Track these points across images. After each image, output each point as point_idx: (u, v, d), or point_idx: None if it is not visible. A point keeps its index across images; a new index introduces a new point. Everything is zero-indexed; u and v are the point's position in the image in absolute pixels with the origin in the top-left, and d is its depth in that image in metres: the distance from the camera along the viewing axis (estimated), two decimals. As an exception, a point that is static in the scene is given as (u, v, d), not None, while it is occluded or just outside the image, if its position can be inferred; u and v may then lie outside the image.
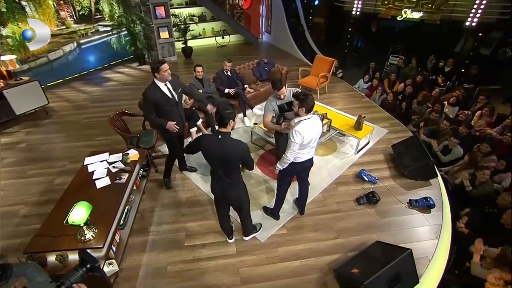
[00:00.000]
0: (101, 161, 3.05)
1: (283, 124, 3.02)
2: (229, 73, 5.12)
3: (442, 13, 6.59)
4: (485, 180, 3.69)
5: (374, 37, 9.08)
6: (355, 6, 7.55)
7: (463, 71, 6.93)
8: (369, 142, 4.63)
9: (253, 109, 5.37)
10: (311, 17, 8.86)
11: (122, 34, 7.70)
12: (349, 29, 8.38)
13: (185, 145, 3.93)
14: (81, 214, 2.23)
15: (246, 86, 5.40)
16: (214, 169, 2.40)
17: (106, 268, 2.36)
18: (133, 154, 3.15)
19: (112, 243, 2.49)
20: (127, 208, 3.05)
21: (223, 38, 9.66)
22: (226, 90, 5.02)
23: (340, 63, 7.40)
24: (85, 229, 2.27)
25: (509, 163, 3.97)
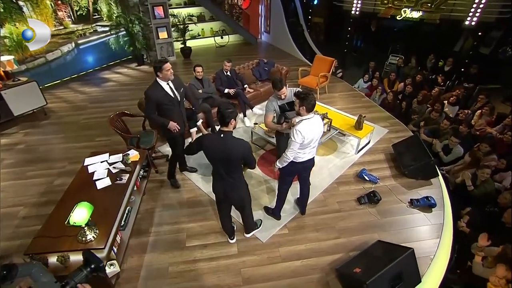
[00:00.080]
0: (102, 162, 3.03)
1: (284, 124, 3.02)
2: (228, 73, 5.11)
3: (441, 12, 6.60)
4: (485, 179, 3.70)
5: (373, 37, 9.09)
6: (354, 5, 7.55)
7: (463, 70, 6.94)
8: (369, 141, 4.63)
9: (253, 109, 5.37)
10: (310, 17, 8.86)
11: (120, 34, 7.66)
12: (349, 29, 8.37)
13: (185, 145, 3.92)
14: (82, 214, 2.21)
15: (246, 86, 5.39)
16: (216, 169, 2.39)
17: (107, 269, 2.35)
18: (134, 154, 3.14)
19: (113, 244, 2.47)
20: (128, 209, 3.04)
21: (222, 38, 9.65)
22: (226, 90, 5.01)
23: (339, 62, 7.38)
24: (86, 230, 2.26)
25: (509, 162, 3.99)
